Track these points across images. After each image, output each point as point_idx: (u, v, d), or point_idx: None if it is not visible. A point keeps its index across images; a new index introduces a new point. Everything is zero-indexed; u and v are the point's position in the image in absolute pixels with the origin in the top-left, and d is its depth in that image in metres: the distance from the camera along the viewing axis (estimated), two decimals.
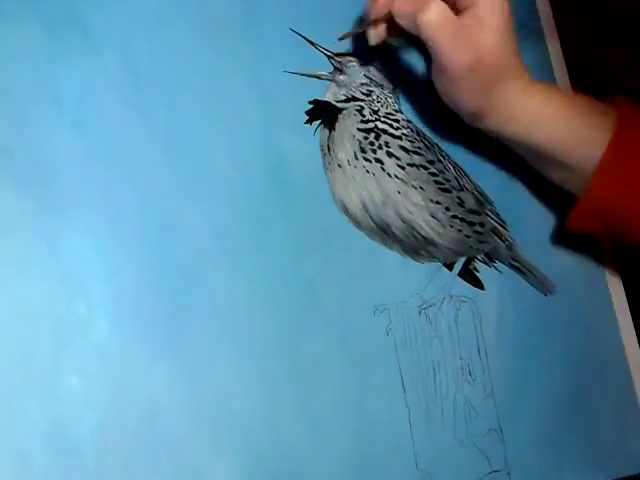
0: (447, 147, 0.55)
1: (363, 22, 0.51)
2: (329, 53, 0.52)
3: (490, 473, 0.51)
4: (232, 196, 0.48)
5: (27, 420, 0.40)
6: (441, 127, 0.55)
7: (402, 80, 0.54)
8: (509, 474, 0.51)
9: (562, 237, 0.57)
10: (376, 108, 0.53)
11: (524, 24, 0.61)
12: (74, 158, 0.44)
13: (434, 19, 0.47)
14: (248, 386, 0.45)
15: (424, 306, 0.52)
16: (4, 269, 0.41)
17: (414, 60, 0.55)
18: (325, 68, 0.52)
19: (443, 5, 0.47)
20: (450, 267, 0.54)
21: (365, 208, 0.51)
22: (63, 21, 0.45)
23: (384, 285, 0.51)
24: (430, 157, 0.53)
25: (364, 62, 0.53)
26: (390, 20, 0.49)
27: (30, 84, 0.44)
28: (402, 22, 0.48)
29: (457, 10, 0.49)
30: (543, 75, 0.61)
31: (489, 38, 0.49)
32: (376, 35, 0.51)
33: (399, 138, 0.53)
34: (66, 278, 0.42)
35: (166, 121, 0.47)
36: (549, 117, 0.51)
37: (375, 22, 0.50)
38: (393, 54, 0.55)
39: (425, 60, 0.54)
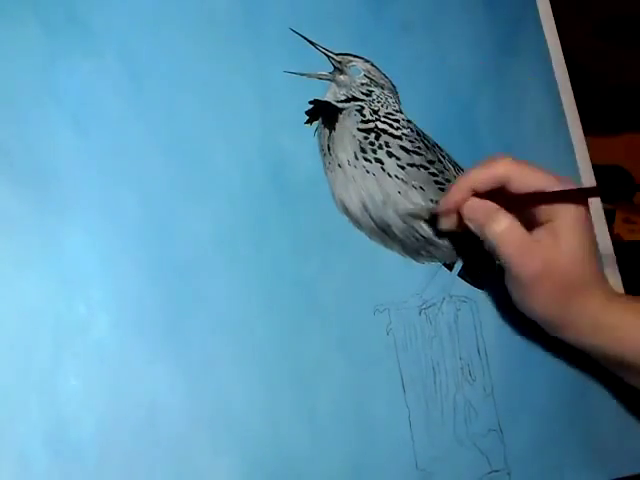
0: (447, 147, 0.55)
1: (434, 208, 0.52)
2: (329, 53, 0.52)
3: (490, 473, 0.51)
4: (232, 196, 0.48)
5: (27, 420, 0.40)
6: (441, 127, 0.55)
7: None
8: (509, 474, 0.51)
9: None
10: (376, 108, 0.53)
11: (524, 24, 0.62)
12: (74, 158, 0.44)
13: (501, 230, 0.47)
14: (248, 386, 0.45)
15: (424, 306, 0.52)
16: (4, 269, 0.41)
17: (414, 61, 0.55)
18: (325, 68, 0.52)
19: (511, 218, 0.48)
20: (450, 267, 0.54)
21: (365, 208, 0.51)
22: (63, 21, 0.45)
23: (384, 285, 0.51)
24: (430, 157, 0.53)
25: (364, 62, 0.53)
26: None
27: (30, 84, 0.44)
28: (470, 225, 0.49)
29: (535, 223, 0.49)
30: (543, 75, 0.61)
31: (562, 252, 0.48)
32: (447, 224, 0.51)
33: (399, 138, 0.53)
34: (66, 278, 0.42)
35: (166, 121, 0.47)
36: (635, 327, 0.49)
37: (444, 215, 0.51)
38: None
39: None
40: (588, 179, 0.61)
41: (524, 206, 0.49)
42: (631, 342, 0.49)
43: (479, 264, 0.54)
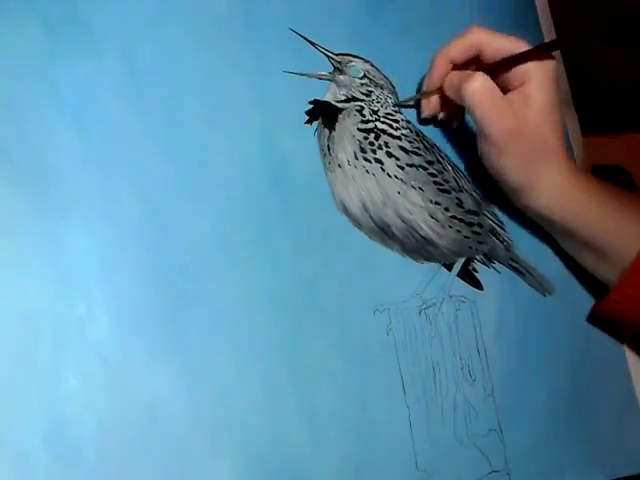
0: (446, 148, 0.55)
1: (418, 92, 0.54)
2: (329, 53, 0.52)
3: (490, 473, 0.51)
4: (232, 196, 0.48)
5: (27, 420, 0.40)
6: (440, 128, 0.55)
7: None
8: (509, 474, 0.51)
9: None
10: (376, 108, 0.53)
11: (523, 24, 0.62)
12: (74, 158, 0.44)
13: (477, 88, 0.49)
14: (248, 386, 0.45)
15: (424, 306, 0.52)
16: (4, 269, 0.41)
17: (414, 61, 0.55)
18: (325, 68, 0.52)
19: (486, 77, 0.49)
20: (449, 267, 0.54)
21: (365, 208, 0.51)
22: (63, 21, 0.45)
23: (384, 285, 0.51)
24: (429, 158, 0.53)
25: (364, 62, 0.53)
26: (443, 96, 0.52)
27: (30, 84, 0.44)
28: (449, 93, 0.52)
29: (511, 88, 0.51)
30: None
31: (532, 113, 0.50)
32: (428, 108, 0.54)
33: (398, 138, 0.53)
34: (66, 278, 0.42)
35: (166, 121, 0.47)
36: (592, 202, 0.52)
37: (428, 94, 0.53)
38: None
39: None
40: None
41: (499, 71, 0.51)
42: (584, 215, 0.52)
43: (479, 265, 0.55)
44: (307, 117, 0.51)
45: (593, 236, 0.52)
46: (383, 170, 0.52)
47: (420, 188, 0.52)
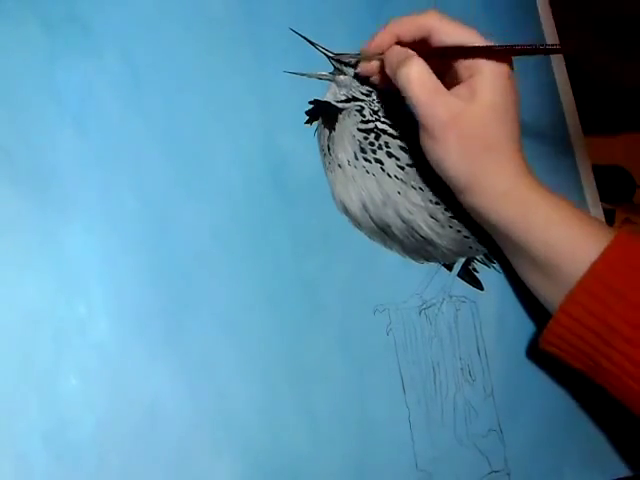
0: None
1: (359, 54, 0.52)
2: (329, 53, 0.52)
3: (490, 473, 0.51)
4: (232, 196, 0.48)
5: (27, 420, 0.40)
6: None
7: None
8: (509, 474, 0.51)
9: None
10: (376, 108, 0.53)
11: (524, 24, 0.62)
12: (74, 158, 0.44)
13: (411, 73, 0.47)
14: (248, 386, 0.45)
15: (424, 306, 0.52)
16: (4, 269, 0.41)
17: None
18: (325, 68, 0.52)
19: (423, 63, 0.47)
20: (450, 267, 0.54)
21: (365, 208, 0.51)
22: (63, 21, 0.45)
23: (384, 285, 0.51)
24: None
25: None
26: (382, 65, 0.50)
27: (30, 84, 0.44)
28: (387, 71, 0.49)
29: (458, 81, 0.48)
30: (542, 76, 0.61)
31: (475, 106, 0.46)
32: (365, 69, 0.52)
33: (399, 138, 0.53)
34: (66, 278, 0.42)
35: (166, 121, 0.47)
36: (540, 207, 0.47)
37: (367, 58, 0.51)
38: None
39: None
40: (588, 180, 0.61)
41: (445, 59, 0.49)
42: (530, 222, 0.47)
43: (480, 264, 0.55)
44: (307, 117, 0.51)
45: (537, 245, 0.47)
46: (383, 170, 0.52)
47: (420, 188, 0.52)
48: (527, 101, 0.53)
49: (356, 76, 0.53)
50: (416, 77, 0.47)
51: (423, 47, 0.49)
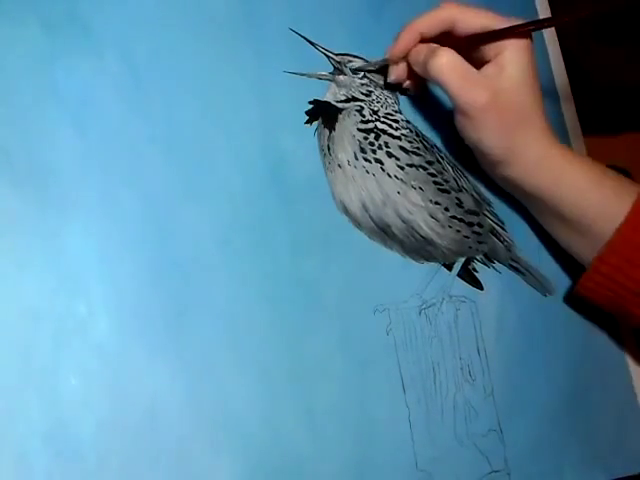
0: (445, 148, 0.55)
1: (384, 59, 0.53)
2: (329, 53, 0.52)
3: (490, 473, 0.51)
4: (232, 196, 0.48)
5: (27, 420, 0.40)
6: (440, 128, 0.55)
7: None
8: (509, 474, 0.51)
9: None
10: (376, 108, 0.53)
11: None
12: (74, 158, 0.44)
13: (442, 62, 0.49)
14: (248, 386, 0.45)
15: (424, 306, 0.52)
16: (4, 269, 0.41)
17: None
18: (325, 68, 0.52)
19: (452, 52, 0.49)
20: (449, 267, 0.54)
21: (365, 208, 0.51)
22: (63, 21, 0.45)
23: (384, 285, 0.51)
24: (429, 158, 0.53)
25: (364, 62, 0.53)
26: (409, 66, 0.52)
27: (30, 84, 0.44)
28: (416, 69, 0.51)
29: (484, 62, 0.50)
30: (542, 75, 0.61)
31: (506, 82, 0.49)
32: (395, 73, 0.53)
33: (398, 138, 0.53)
34: (66, 278, 0.42)
35: (166, 121, 0.47)
36: (572, 172, 0.51)
37: (392, 62, 0.53)
38: None
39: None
40: None
41: (471, 47, 0.51)
42: (564, 187, 0.50)
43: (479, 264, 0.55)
44: (307, 117, 0.51)
45: (570, 208, 0.51)
46: (383, 170, 0.52)
47: (420, 188, 0.52)
48: None
49: (387, 86, 0.54)
50: (448, 65, 0.49)
51: (448, 39, 0.51)
